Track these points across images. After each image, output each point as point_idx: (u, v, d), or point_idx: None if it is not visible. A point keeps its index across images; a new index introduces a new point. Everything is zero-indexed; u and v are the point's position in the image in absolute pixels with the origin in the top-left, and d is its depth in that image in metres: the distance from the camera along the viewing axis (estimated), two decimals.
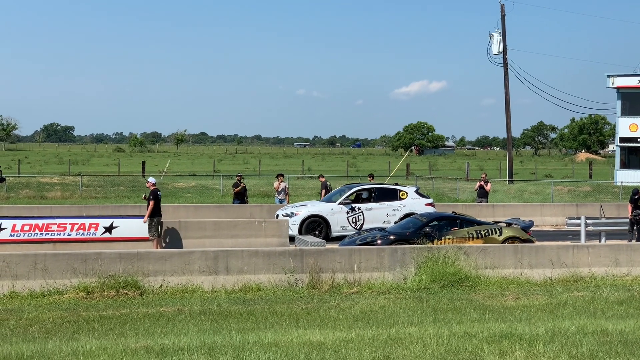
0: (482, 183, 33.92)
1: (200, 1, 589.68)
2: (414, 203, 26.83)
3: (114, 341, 11.38)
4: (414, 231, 21.21)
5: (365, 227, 25.72)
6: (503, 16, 53.79)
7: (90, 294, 15.93)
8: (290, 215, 26.10)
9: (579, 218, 25.49)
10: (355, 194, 26.91)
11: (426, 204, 26.94)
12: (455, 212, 23.87)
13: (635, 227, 25.07)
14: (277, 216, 26.92)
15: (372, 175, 33.11)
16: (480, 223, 22.20)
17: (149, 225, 22.39)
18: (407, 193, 27.17)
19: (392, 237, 20.92)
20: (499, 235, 21.53)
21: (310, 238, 21.86)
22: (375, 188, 27.48)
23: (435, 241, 20.78)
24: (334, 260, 17.71)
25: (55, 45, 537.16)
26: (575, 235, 26.27)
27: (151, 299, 15.94)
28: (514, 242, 20.97)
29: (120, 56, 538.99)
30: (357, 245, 20.19)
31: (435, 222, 21.75)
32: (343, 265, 17.73)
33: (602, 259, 19.25)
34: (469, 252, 18.51)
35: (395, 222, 24.89)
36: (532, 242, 21.46)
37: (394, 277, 17.85)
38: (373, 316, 13.96)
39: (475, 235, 21.38)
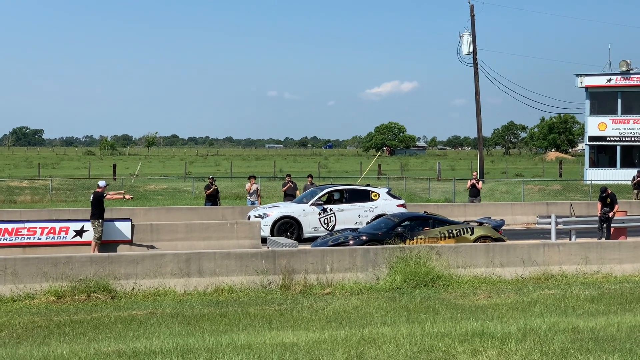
0: (474, 182, 34.20)
1: (170, 3, 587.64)
2: (385, 204, 26.89)
3: (85, 345, 11.29)
4: (386, 231, 21.25)
5: (337, 228, 25.74)
6: (472, 17, 54.08)
7: (61, 298, 15.80)
8: (262, 217, 26.06)
9: (549, 217, 25.69)
10: (327, 195, 26.94)
11: (398, 205, 27.00)
12: (427, 212, 23.96)
13: (604, 225, 25.30)
14: (249, 217, 26.87)
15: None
16: (452, 223, 22.30)
17: (98, 226, 22.14)
18: (378, 194, 27.23)
19: (364, 238, 20.95)
20: (470, 235, 21.63)
21: (282, 239, 21.84)
22: (347, 189, 27.52)
23: (408, 241, 20.83)
24: (306, 261, 17.71)
25: (23, 47, 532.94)
26: (546, 234, 26.47)
27: (123, 302, 15.84)
28: (485, 241, 21.08)
29: (89, 58, 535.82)
30: (329, 246, 20.19)
31: (407, 222, 21.81)
32: (316, 266, 17.73)
33: (572, 257, 19.41)
34: (441, 251, 18.58)
35: (368, 223, 24.94)
36: (503, 241, 21.60)
37: (367, 278, 17.87)
38: (346, 317, 13.97)
39: (447, 235, 21.47)
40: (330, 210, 26.41)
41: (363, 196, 27.14)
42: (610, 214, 25.21)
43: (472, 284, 17.80)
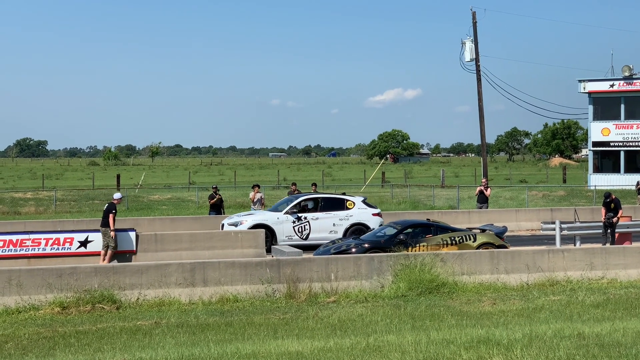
0: (482, 188, 34.16)
1: (172, 14, 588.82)
2: (360, 213, 26.81)
3: (90, 356, 11.29)
4: (388, 239, 21.25)
5: (311, 236, 25.81)
6: (474, 23, 54.07)
7: (66, 309, 15.81)
8: (235, 225, 25.97)
9: (553, 222, 25.67)
10: (301, 204, 26.82)
11: (373, 214, 26.92)
12: (429, 219, 23.95)
13: (608, 230, 25.27)
14: (222, 226, 26.79)
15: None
16: (454, 230, 22.28)
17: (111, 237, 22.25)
18: (354, 203, 27.09)
19: (366, 245, 20.95)
20: (473, 242, 21.60)
21: (287, 248, 21.84)
22: (322, 198, 27.42)
23: (410, 248, 20.83)
24: (311, 270, 17.70)
25: (26, 59, 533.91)
26: (550, 240, 26.45)
27: (128, 312, 15.84)
28: (488, 248, 21.05)
29: (92, 69, 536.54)
30: (332, 254, 20.19)
31: (409, 230, 21.80)
32: (320, 275, 17.72)
33: (577, 262, 19.38)
34: (446, 258, 18.56)
35: (345, 232, 25.74)
36: (506, 247, 21.54)
37: (371, 286, 17.86)
38: (351, 325, 13.96)
39: (449, 242, 21.45)
40: (305, 218, 26.28)
41: (338, 205, 27.00)
42: (615, 219, 25.18)
43: (477, 291, 17.78)
